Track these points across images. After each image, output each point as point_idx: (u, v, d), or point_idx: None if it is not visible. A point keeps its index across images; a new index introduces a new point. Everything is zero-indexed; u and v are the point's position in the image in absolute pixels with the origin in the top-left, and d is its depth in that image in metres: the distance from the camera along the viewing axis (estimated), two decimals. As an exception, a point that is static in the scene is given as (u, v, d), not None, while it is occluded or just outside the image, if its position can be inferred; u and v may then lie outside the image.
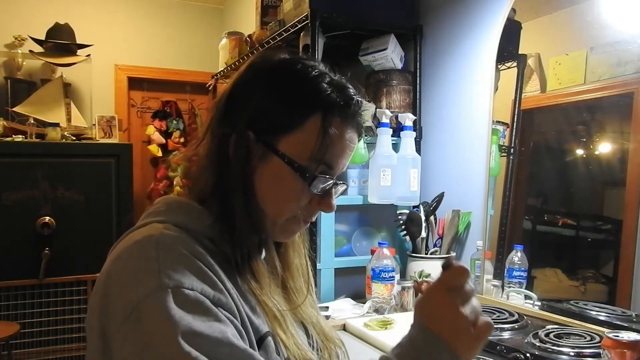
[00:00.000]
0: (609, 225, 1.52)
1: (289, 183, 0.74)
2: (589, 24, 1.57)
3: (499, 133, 1.78)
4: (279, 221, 0.77)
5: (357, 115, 0.78)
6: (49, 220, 3.14)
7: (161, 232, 0.67)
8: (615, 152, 1.52)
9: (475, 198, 1.86)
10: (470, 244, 1.90)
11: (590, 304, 1.42)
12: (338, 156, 0.76)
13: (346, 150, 0.77)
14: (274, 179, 0.74)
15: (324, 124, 0.73)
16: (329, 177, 0.75)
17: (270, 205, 0.75)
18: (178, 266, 0.62)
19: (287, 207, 0.75)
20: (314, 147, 0.73)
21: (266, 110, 0.73)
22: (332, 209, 0.78)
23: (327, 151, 0.74)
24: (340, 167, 0.77)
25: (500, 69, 1.79)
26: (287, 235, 0.80)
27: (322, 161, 0.74)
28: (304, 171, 0.73)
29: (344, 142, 0.76)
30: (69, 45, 3.72)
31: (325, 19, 1.93)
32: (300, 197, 0.75)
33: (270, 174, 0.74)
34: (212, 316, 0.60)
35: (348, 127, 0.76)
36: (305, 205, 0.76)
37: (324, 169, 0.74)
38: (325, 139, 0.73)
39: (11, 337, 2.76)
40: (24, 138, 3.27)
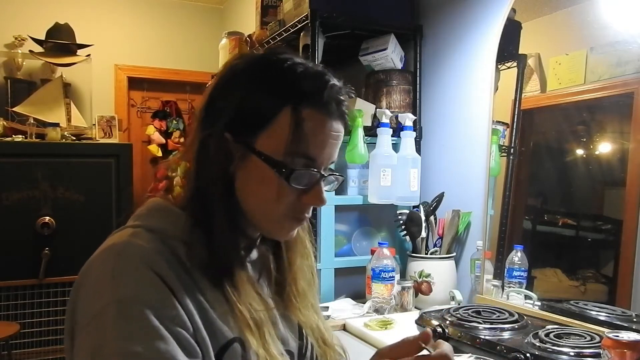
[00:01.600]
0: (609, 225, 1.52)
1: (270, 181, 0.72)
2: (589, 24, 1.57)
3: (499, 133, 1.78)
4: (269, 221, 0.76)
5: (336, 103, 0.75)
6: (49, 220, 3.14)
7: (125, 242, 0.68)
8: (615, 152, 1.52)
9: (475, 198, 1.86)
10: (470, 244, 1.90)
11: (590, 304, 1.42)
12: (318, 147, 0.73)
13: (328, 140, 0.74)
14: (255, 179, 0.73)
15: (294, 116, 0.71)
16: (313, 170, 0.73)
17: (256, 206, 0.75)
18: (130, 281, 0.63)
19: (273, 206, 0.74)
20: (287, 141, 0.71)
21: (241, 109, 0.72)
22: (321, 202, 0.76)
23: (303, 143, 0.71)
24: (325, 158, 0.75)
25: (500, 69, 1.79)
26: (283, 234, 0.79)
27: (300, 154, 0.72)
28: (280, 167, 0.71)
29: (324, 132, 0.73)
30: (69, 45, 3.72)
31: (325, 19, 1.93)
32: (282, 195, 0.73)
33: (251, 174, 0.73)
34: (153, 335, 0.61)
35: (325, 116, 0.73)
36: (293, 201, 0.74)
37: (304, 162, 0.72)
38: (297, 131, 0.71)
39: (11, 337, 2.76)
40: (24, 138, 3.27)
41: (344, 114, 0.77)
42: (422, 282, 1.83)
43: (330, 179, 0.79)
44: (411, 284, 1.80)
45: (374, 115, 2.03)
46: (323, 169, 0.75)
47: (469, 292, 1.84)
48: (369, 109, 2.03)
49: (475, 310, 1.45)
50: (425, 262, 1.86)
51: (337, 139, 0.75)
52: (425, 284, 1.82)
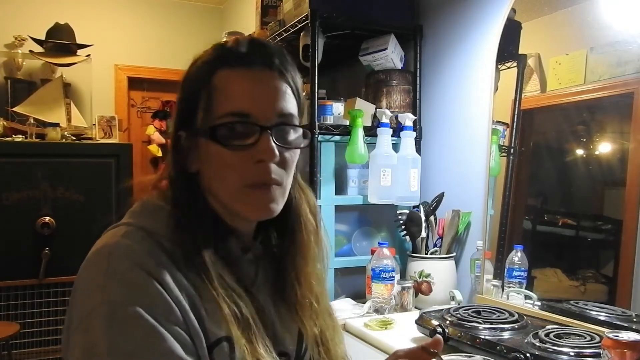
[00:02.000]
0: (609, 225, 1.52)
1: (216, 155, 0.72)
2: (589, 24, 1.57)
3: (499, 133, 1.78)
4: (235, 199, 0.74)
5: (257, 54, 0.74)
6: (49, 220, 3.14)
7: (116, 241, 0.69)
8: (615, 152, 1.52)
9: (475, 198, 1.86)
10: (470, 244, 1.90)
11: (590, 304, 1.42)
12: (245, 100, 0.72)
13: (254, 90, 0.72)
14: (208, 162, 0.74)
15: (210, 84, 0.72)
16: (246, 122, 0.71)
17: (220, 189, 0.74)
18: (123, 280, 0.64)
19: (230, 180, 0.73)
20: (212, 109, 0.72)
21: (180, 105, 0.76)
22: (270, 156, 0.72)
23: (226, 103, 0.72)
24: (261, 110, 0.72)
25: (500, 69, 1.79)
26: (256, 208, 0.75)
27: (229, 114, 0.71)
28: (211, 132, 0.71)
29: (244, 84, 0.72)
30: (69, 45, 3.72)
31: (325, 19, 1.93)
32: (231, 162, 0.72)
33: (205, 159, 0.74)
34: (149, 332, 0.62)
35: (244, 69, 0.73)
36: (247, 166, 0.72)
37: (234, 119, 0.71)
38: (217, 95, 0.72)
39: (11, 337, 2.76)
40: (24, 138, 3.27)
41: (272, 60, 0.75)
42: (422, 282, 1.83)
43: (285, 130, 0.75)
44: (411, 284, 1.80)
45: (374, 115, 2.03)
46: (267, 122, 0.72)
47: (469, 292, 1.84)
48: (369, 109, 2.03)
49: (475, 310, 1.45)
50: (425, 262, 1.86)
51: (268, 84, 0.73)
52: (425, 284, 1.82)
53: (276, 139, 0.73)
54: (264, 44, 0.77)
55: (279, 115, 0.74)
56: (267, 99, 0.73)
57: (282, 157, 0.74)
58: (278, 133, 0.73)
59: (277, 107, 0.73)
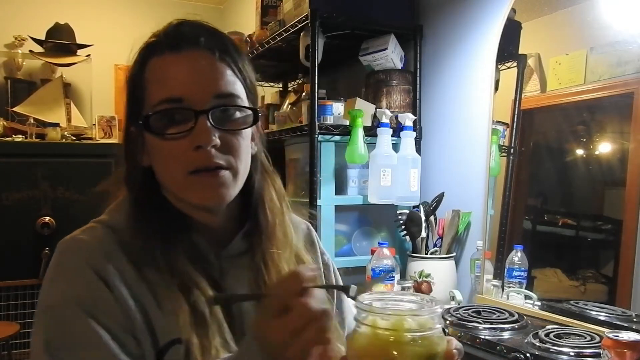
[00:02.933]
0: (609, 225, 1.52)
1: (155, 146, 0.70)
2: (589, 24, 1.57)
3: (499, 133, 1.78)
4: (182, 188, 0.71)
5: (181, 36, 0.72)
6: (49, 220, 3.14)
7: (74, 237, 0.70)
8: (615, 152, 1.52)
9: (475, 198, 1.86)
10: (470, 244, 1.90)
11: (590, 304, 1.42)
12: (175, 84, 0.68)
13: (185, 71, 0.69)
14: (152, 153, 0.72)
15: (142, 75, 0.71)
16: (180, 109, 0.68)
17: (167, 180, 0.72)
18: (69, 277, 0.66)
19: (174, 169, 0.70)
20: (144, 100, 0.70)
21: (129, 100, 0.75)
22: (207, 140, 0.67)
23: (157, 91, 0.69)
24: (194, 93, 0.68)
25: (500, 69, 1.79)
26: (202, 195, 0.71)
27: (162, 101, 0.69)
28: (145, 123, 0.69)
29: (171, 68, 0.69)
30: (69, 45, 3.72)
31: (325, 19, 1.93)
32: (172, 151, 0.69)
33: (151, 152, 0.72)
34: (84, 331, 0.62)
35: (170, 54, 0.70)
36: (188, 154, 0.69)
37: (166, 105, 0.68)
38: (148, 85, 0.70)
39: (11, 337, 2.76)
40: (24, 138, 3.27)
41: (200, 40, 0.71)
42: (422, 282, 1.83)
43: (225, 112, 0.71)
44: (411, 284, 1.80)
45: (374, 115, 2.03)
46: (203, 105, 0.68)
47: (469, 292, 1.84)
48: (369, 109, 2.03)
49: (475, 310, 1.45)
50: (425, 262, 1.86)
51: (200, 67, 0.69)
52: (425, 284, 1.82)
53: (214, 122, 0.68)
54: (192, 25, 0.74)
55: (216, 96, 0.69)
56: (199, 81, 0.69)
57: (225, 140, 0.70)
58: (216, 115, 0.69)
59: (213, 87, 0.69)
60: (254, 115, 0.73)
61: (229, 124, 0.71)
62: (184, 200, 0.73)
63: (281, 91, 2.92)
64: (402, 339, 0.51)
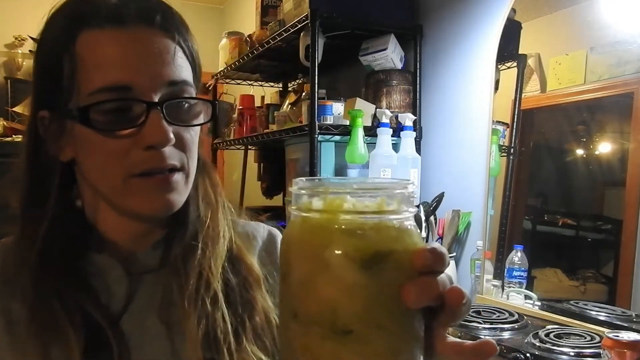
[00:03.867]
0: (609, 225, 1.52)
1: (89, 140, 0.57)
2: (589, 24, 1.57)
3: (499, 133, 1.78)
4: (120, 193, 0.58)
5: (124, 7, 0.57)
6: (49, 220, 3.14)
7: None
8: (615, 152, 1.52)
9: (475, 198, 1.86)
10: (470, 244, 1.90)
11: (590, 304, 1.42)
12: (119, 65, 0.55)
13: (132, 52, 0.55)
14: (82, 148, 0.59)
15: (71, 50, 0.56)
16: (127, 99, 0.55)
17: (97, 179, 0.59)
18: None
19: (112, 170, 0.57)
20: (73, 82, 0.56)
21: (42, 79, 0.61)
22: (163, 139, 0.56)
23: (94, 73, 0.55)
24: (145, 79, 0.56)
25: (500, 69, 1.79)
26: (149, 202, 0.58)
27: (102, 89, 0.55)
28: (81, 116, 0.55)
29: (118, 46, 0.55)
30: (69, 45, 3.72)
31: (325, 19, 1.93)
32: (108, 149, 0.56)
33: (78, 144, 0.59)
34: None
35: (113, 27, 0.56)
36: (133, 153, 0.56)
37: (110, 95, 0.55)
38: (80, 64, 0.56)
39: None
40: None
41: (152, 15, 0.57)
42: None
43: (179, 104, 0.59)
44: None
45: (374, 115, 2.03)
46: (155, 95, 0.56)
47: (469, 292, 1.84)
48: (369, 109, 2.03)
49: (475, 310, 1.45)
50: (425, 262, 1.86)
51: (150, 48, 0.56)
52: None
53: (169, 116, 0.56)
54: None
55: (169, 83, 0.57)
56: (150, 65, 0.56)
57: (179, 137, 0.58)
58: (171, 108, 0.57)
59: (165, 73, 0.57)
60: (213, 108, 0.62)
61: (183, 117, 0.59)
62: (119, 207, 0.60)
63: (281, 91, 2.92)
64: (333, 224, 0.35)
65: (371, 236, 0.35)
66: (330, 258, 0.34)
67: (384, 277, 0.34)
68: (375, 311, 0.34)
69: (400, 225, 0.36)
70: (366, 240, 0.34)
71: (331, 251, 0.34)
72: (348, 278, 0.34)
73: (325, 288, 0.35)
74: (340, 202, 0.35)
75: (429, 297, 0.34)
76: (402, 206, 0.36)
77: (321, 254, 0.35)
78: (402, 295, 0.34)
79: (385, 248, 0.35)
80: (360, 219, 0.35)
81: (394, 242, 0.35)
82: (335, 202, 0.35)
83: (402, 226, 0.36)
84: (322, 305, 0.35)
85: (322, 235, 0.35)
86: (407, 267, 0.35)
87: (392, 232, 0.35)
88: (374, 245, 0.34)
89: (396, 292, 0.34)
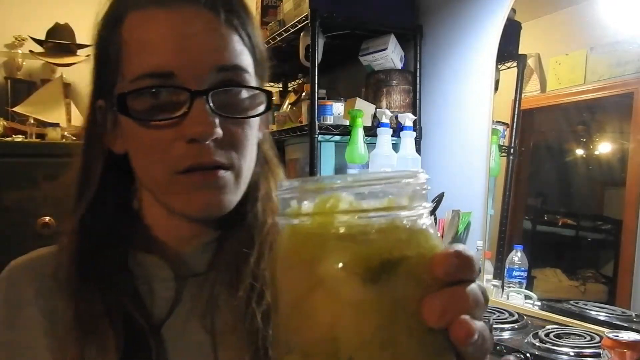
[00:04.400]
0: (609, 225, 1.52)
1: (131, 131, 0.53)
2: (589, 24, 1.57)
3: (499, 133, 1.78)
4: (165, 190, 0.54)
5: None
6: (49, 220, 3.14)
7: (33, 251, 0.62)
8: (615, 152, 1.52)
9: (475, 198, 1.86)
10: (470, 244, 1.89)
11: (590, 304, 1.42)
12: (162, 49, 0.50)
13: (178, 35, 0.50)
14: (128, 139, 0.55)
15: (117, 33, 0.52)
16: (169, 87, 0.50)
17: (143, 175, 0.55)
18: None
19: (150, 164, 0.53)
20: (118, 68, 0.52)
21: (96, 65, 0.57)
22: (207, 131, 0.49)
23: (136, 58, 0.51)
24: (185, 63, 0.50)
25: (500, 69, 1.79)
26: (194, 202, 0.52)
27: (143, 75, 0.50)
28: (120, 104, 0.51)
29: (161, 27, 0.50)
30: (69, 45, 3.72)
31: (325, 19, 1.93)
32: (148, 142, 0.52)
33: (126, 135, 0.55)
34: None
35: (158, 7, 0.51)
36: (176, 147, 0.51)
37: (151, 81, 0.50)
38: (124, 48, 0.52)
39: (11, 337, 2.76)
40: (24, 138, 3.27)
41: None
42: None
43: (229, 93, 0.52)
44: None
45: (374, 115, 2.03)
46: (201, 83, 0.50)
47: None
48: (369, 109, 2.03)
49: (475, 310, 1.45)
50: (425, 262, 1.86)
51: (198, 30, 0.50)
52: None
53: (216, 106, 0.50)
54: None
55: (219, 69, 0.51)
56: (196, 49, 0.50)
57: (228, 131, 0.51)
58: (218, 97, 0.51)
59: (214, 58, 0.51)
60: (267, 98, 0.55)
61: (234, 109, 0.53)
62: (165, 204, 0.55)
63: (281, 91, 2.92)
64: (328, 229, 0.28)
65: (376, 241, 0.28)
66: (325, 272, 0.28)
67: (396, 291, 0.28)
68: (387, 335, 0.27)
69: (412, 225, 0.29)
70: (370, 246, 0.28)
71: (327, 263, 0.28)
72: (349, 296, 0.27)
73: (322, 311, 0.28)
74: (334, 201, 0.29)
75: (456, 311, 0.28)
76: (413, 201, 0.29)
77: (315, 268, 0.28)
78: (423, 312, 0.27)
79: (395, 255, 0.28)
80: (361, 220, 0.28)
81: (406, 246, 0.28)
82: (328, 201, 0.29)
83: (415, 226, 0.29)
84: (319, 334, 0.28)
85: (314, 245, 0.29)
86: (426, 277, 0.28)
87: (402, 234, 0.29)
88: (380, 252, 0.28)
89: (414, 308, 0.27)
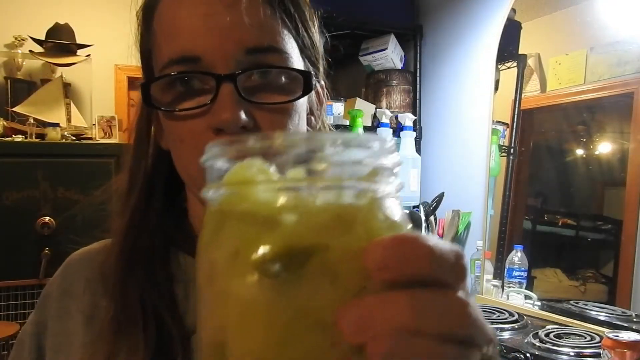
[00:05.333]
0: (609, 225, 1.52)
1: (164, 122, 0.51)
2: (589, 24, 1.57)
3: (499, 133, 1.78)
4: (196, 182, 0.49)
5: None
6: (49, 220, 3.14)
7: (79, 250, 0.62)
8: (615, 152, 1.52)
9: (475, 198, 1.86)
10: (470, 244, 1.90)
11: (590, 304, 1.42)
12: (186, 33, 0.46)
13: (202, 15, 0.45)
14: (165, 132, 0.53)
15: (151, 24, 0.51)
16: (194, 72, 0.46)
17: (180, 169, 0.51)
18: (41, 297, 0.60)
19: (186, 154, 0.48)
20: (150, 60, 0.51)
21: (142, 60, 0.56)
22: (227, 119, 0.44)
23: (164, 45, 0.48)
24: (211, 46, 0.45)
25: (500, 69, 1.79)
26: None
27: (169, 62, 0.47)
28: (144, 93, 0.51)
29: (186, 10, 0.46)
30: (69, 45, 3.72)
31: (325, 19, 1.93)
32: (177, 133, 0.48)
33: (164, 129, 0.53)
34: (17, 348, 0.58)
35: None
36: (204, 139, 0.45)
37: (177, 67, 0.46)
38: (155, 38, 0.50)
39: (11, 337, 2.75)
40: (24, 138, 3.27)
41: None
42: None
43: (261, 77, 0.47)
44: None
45: (374, 115, 2.03)
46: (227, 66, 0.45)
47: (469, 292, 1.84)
48: (369, 109, 2.03)
49: (475, 310, 1.45)
50: (425, 262, 1.86)
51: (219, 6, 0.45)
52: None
53: (245, 92, 0.45)
54: None
55: (248, 51, 0.45)
56: (224, 28, 0.45)
57: (266, 119, 0.46)
58: (247, 82, 0.46)
59: (244, 38, 0.45)
60: (306, 79, 0.48)
61: (266, 94, 0.47)
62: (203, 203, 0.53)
63: (281, 91, 2.92)
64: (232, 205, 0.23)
65: (286, 223, 0.21)
66: (215, 260, 0.22)
67: (303, 291, 0.20)
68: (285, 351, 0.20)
69: (351, 205, 0.21)
70: (276, 230, 0.21)
71: (219, 249, 0.22)
72: (238, 292, 0.21)
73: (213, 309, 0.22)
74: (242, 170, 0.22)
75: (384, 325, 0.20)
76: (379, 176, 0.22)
77: (209, 255, 0.23)
78: (338, 325, 0.20)
79: (309, 241, 0.20)
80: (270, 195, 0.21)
81: (328, 232, 0.21)
82: (241, 170, 0.22)
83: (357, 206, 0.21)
84: (208, 337, 0.23)
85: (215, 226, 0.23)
86: (353, 276, 0.20)
87: (324, 215, 0.21)
88: (288, 238, 0.20)
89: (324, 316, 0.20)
